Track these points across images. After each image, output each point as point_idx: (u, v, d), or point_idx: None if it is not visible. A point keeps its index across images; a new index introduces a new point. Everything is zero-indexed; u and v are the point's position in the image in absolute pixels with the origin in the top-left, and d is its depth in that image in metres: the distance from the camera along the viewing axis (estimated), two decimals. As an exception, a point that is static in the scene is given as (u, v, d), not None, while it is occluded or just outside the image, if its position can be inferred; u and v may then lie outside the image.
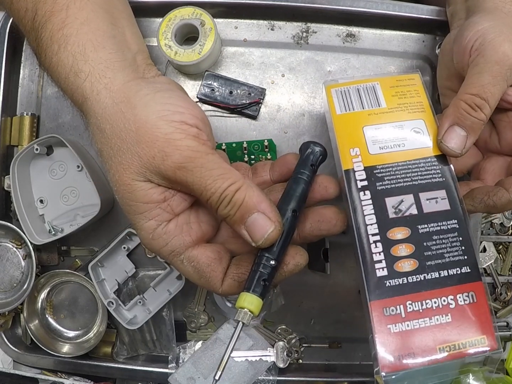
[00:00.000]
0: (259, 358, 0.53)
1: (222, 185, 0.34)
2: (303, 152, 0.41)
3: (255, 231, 0.35)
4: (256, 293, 0.34)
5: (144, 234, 0.36)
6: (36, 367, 0.56)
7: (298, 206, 0.38)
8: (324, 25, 0.55)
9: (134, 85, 0.37)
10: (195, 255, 0.37)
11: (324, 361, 0.57)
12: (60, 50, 0.37)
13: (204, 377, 0.53)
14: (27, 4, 0.39)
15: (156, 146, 0.34)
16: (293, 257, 0.38)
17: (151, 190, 0.35)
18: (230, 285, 0.37)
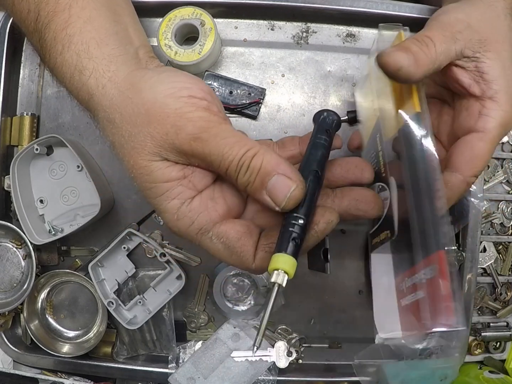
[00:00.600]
0: (259, 358, 0.53)
1: (239, 152, 0.33)
2: (317, 119, 0.41)
3: (277, 193, 0.33)
4: (289, 252, 0.33)
5: (168, 216, 0.35)
6: (36, 367, 0.56)
7: (319, 167, 0.37)
8: (324, 25, 0.55)
9: (138, 73, 0.37)
10: (224, 230, 0.36)
11: (324, 361, 0.57)
12: (64, 50, 0.37)
13: (204, 377, 0.53)
14: (29, 5, 0.39)
15: (168, 122, 0.34)
16: (322, 215, 0.36)
17: (169, 168, 0.35)
18: (263, 258, 0.35)
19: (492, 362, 0.58)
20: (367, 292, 0.56)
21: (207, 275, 0.56)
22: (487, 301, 0.58)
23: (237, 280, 0.56)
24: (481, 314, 0.59)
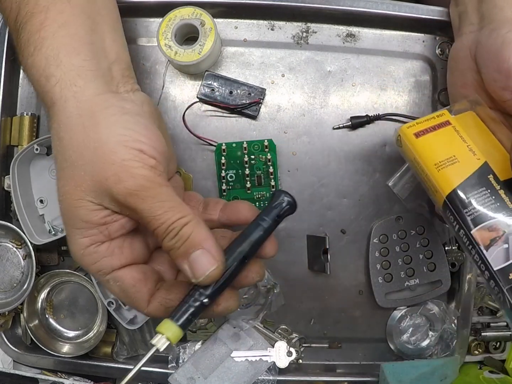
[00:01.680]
0: (259, 358, 0.53)
1: (171, 217, 0.34)
2: (273, 200, 0.40)
3: (197, 267, 0.34)
4: (180, 324, 0.35)
5: (75, 248, 0.36)
6: (36, 367, 0.56)
7: (250, 252, 0.37)
8: (324, 25, 0.55)
9: (103, 100, 0.36)
10: (120, 275, 0.37)
11: (324, 361, 0.57)
12: (35, 52, 0.37)
13: (204, 377, 0.53)
14: (12, 4, 0.39)
15: (112, 169, 0.34)
16: (226, 299, 0.38)
17: (94, 212, 0.35)
18: (157, 308, 0.37)
19: (492, 362, 0.58)
20: (367, 292, 0.56)
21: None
22: (487, 301, 0.58)
23: (237, 280, 0.56)
24: (481, 314, 0.59)
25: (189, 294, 0.36)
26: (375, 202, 0.55)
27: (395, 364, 0.54)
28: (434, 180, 0.41)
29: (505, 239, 0.37)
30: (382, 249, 0.55)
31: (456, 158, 0.41)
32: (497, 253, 0.37)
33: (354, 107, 0.55)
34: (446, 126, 0.43)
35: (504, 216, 0.38)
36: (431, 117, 0.43)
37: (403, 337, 0.56)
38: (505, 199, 0.39)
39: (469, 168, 0.40)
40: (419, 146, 0.42)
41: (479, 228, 0.38)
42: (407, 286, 0.55)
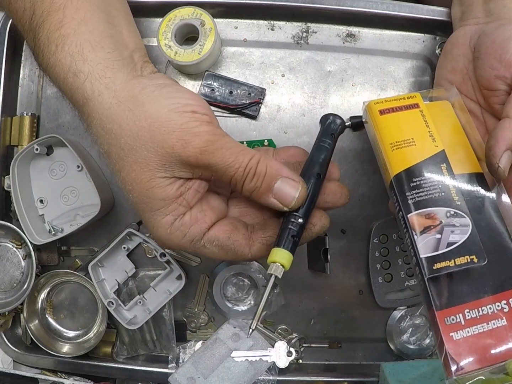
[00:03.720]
0: (259, 358, 0.53)
1: (244, 160, 0.36)
2: (323, 122, 0.43)
3: (284, 195, 0.37)
4: (287, 248, 0.36)
5: (161, 231, 0.37)
6: (36, 367, 0.56)
7: (322, 170, 0.40)
8: (324, 25, 0.55)
9: (137, 83, 0.37)
10: (213, 235, 0.38)
11: (324, 361, 0.57)
12: (58, 50, 0.37)
13: (204, 377, 0.53)
14: (25, 4, 0.39)
15: (174, 136, 0.35)
16: (319, 219, 0.40)
17: (168, 186, 0.36)
18: (259, 249, 0.39)
19: (492, 362, 0.58)
20: (367, 292, 0.56)
21: (207, 275, 0.56)
22: (487, 301, 0.58)
23: (237, 280, 0.56)
24: (481, 314, 0.59)
25: (284, 221, 0.38)
26: (375, 202, 0.56)
27: (395, 364, 0.54)
28: (386, 159, 0.40)
29: (440, 230, 0.37)
30: (382, 249, 0.55)
31: (414, 141, 0.40)
32: (428, 241, 0.37)
33: (354, 107, 0.55)
34: (414, 109, 0.42)
35: (445, 207, 0.37)
36: (402, 97, 0.43)
37: (403, 337, 0.56)
38: (452, 191, 0.38)
39: (424, 153, 0.40)
40: (381, 123, 0.42)
41: (417, 213, 0.38)
42: (407, 286, 0.55)
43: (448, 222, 0.37)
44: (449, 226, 0.37)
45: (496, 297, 0.36)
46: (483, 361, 0.35)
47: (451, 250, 0.36)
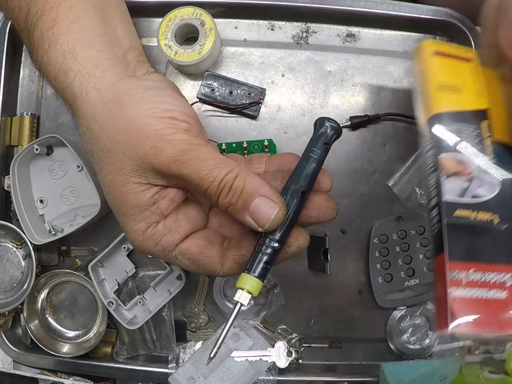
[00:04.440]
0: (259, 358, 0.53)
1: (219, 174, 0.34)
2: (317, 128, 0.38)
3: (260, 216, 0.34)
4: (257, 275, 0.34)
5: (133, 236, 0.37)
6: (36, 367, 0.56)
7: (308, 187, 0.36)
8: (324, 25, 0.55)
9: (124, 84, 0.37)
10: (185, 248, 0.37)
11: (324, 361, 0.57)
12: (50, 49, 0.37)
13: (204, 377, 0.53)
14: (21, 3, 0.39)
15: (148, 142, 0.34)
16: (296, 238, 0.37)
17: (142, 193, 0.35)
18: (231, 267, 0.37)
19: (492, 362, 0.58)
20: (367, 292, 0.56)
21: (207, 275, 0.56)
22: (487, 301, 0.58)
23: (237, 280, 0.56)
24: (481, 314, 0.59)
25: (259, 243, 0.35)
26: (375, 202, 0.56)
27: (395, 364, 0.54)
28: (430, 96, 0.39)
29: (469, 179, 0.36)
30: (382, 249, 0.55)
31: (462, 90, 0.39)
32: (455, 186, 0.36)
33: (354, 107, 0.55)
34: (467, 62, 0.41)
35: (479, 160, 0.37)
36: (459, 47, 0.42)
37: (403, 337, 0.56)
38: (488, 149, 0.37)
39: (469, 104, 0.39)
40: (433, 62, 0.40)
41: (450, 155, 0.36)
42: (407, 286, 0.55)
43: (478, 175, 0.36)
44: (479, 179, 0.36)
45: (506, 267, 0.34)
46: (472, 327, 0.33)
47: (475, 203, 0.35)
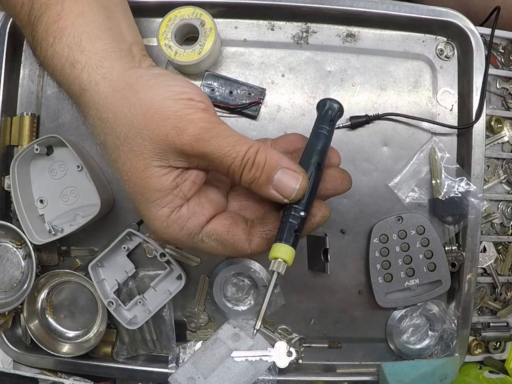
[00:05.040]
0: (259, 358, 0.53)
1: (242, 149, 0.34)
2: (321, 108, 0.41)
3: (284, 187, 0.35)
4: (289, 243, 0.35)
5: (157, 224, 0.36)
6: (36, 367, 0.56)
7: (321, 159, 0.38)
8: (324, 25, 0.55)
9: (134, 72, 0.37)
10: (211, 228, 0.37)
11: (324, 361, 0.57)
12: (55, 42, 0.37)
13: (204, 377, 0.53)
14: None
15: (168, 123, 0.34)
16: (319, 209, 0.38)
17: (163, 177, 0.35)
18: (259, 244, 0.37)
19: (492, 362, 0.58)
20: (367, 292, 0.56)
21: (207, 275, 0.56)
22: (487, 301, 0.58)
23: (237, 280, 0.56)
24: (481, 314, 0.59)
25: (285, 214, 0.36)
26: (375, 202, 0.56)
27: (395, 364, 0.54)
28: None
29: None
30: (382, 249, 0.55)
31: None
32: None
33: (354, 107, 0.55)
34: None
35: None
36: None
37: (403, 337, 0.56)
38: None
39: None
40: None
41: None
42: (407, 286, 0.55)
43: None
44: None
45: None
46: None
47: None
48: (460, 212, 0.54)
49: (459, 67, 0.56)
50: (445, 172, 0.55)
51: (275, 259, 0.35)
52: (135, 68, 0.38)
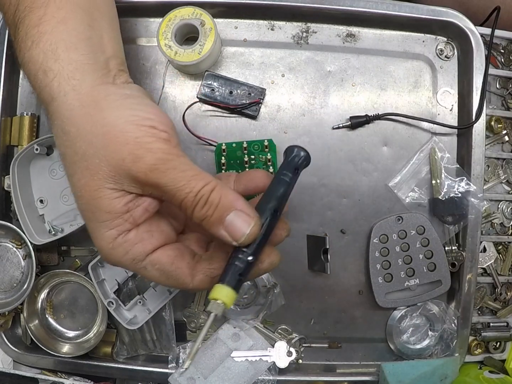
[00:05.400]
0: (259, 358, 0.53)
1: (196, 185, 0.34)
2: (288, 155, 0.40)
3: (235, 230, 0.34)
4: (231, 285, 0.34)
5: (103, 244, 0.36)
6: (36, 367, 0.56)
7: (279, 205, 0.37)
8: (324, 25, 0.55)
9: (103, 89, 0.36)
10: (156, 257, 0.36)
11: (324, 361, 0.57)
12: (33, 46, 0.37)
13: (204, 377, 0.53)
14: None
15: (126, 149, 0.33)
16: (268, 255, 0.38)
17: (115, 200, 0.35)
18: (202, 281, 0.37)
19: (492, 362, 0.58)
20: (367, 292, 0.56)
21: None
22: (487, 301, 0.58)
23: (237, 280, 0.56)
24: (481, 314, 0.59)
25: (232, 256, 0.35)
26: (375, 202, 0.56)
27: (395, 364, 0.54)
28: None
29: None
30: (382, 249, 0.55)
31: None
32: None
33: (354, 107, 0.55)
34: None
35: None
36: None
37: (403, 337, 0.56)
38: None
39: None
40: None
41: None
42: (407, 286, 0.55)
43: None
44: None
45: None
46: None
47: None
48: (460, 212, 0.54)
49: (459, 67, 0.56)
50: (445, 172, 0.55)
51: (214, 300, 0.34)
52: (106, 84, 0.37)
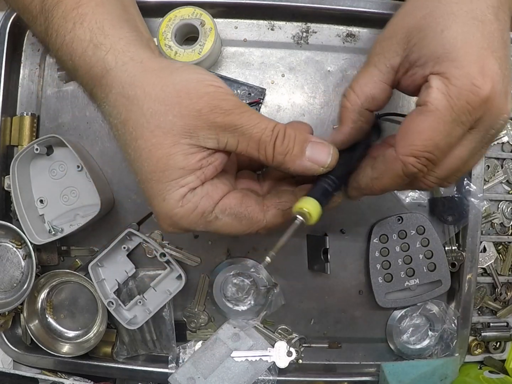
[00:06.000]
0: (259, 358, 0.53)
1: (270, 123, 0.36)
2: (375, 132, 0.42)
3: (319, 156, 0.36)
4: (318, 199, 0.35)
5: (171, 203, 0.36)
6: (36, 367, 0.56)
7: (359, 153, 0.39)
8: (324, 25, 0.55)
9: (161, 60, 0.38)
10: (224, 203, 0.37)
11: (324, 361, 0.57)
12: (76, 27, 0.37)
13: (204, 377, 0.53)
14: None
15: (202, 101, 0.35)
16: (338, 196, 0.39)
17: (191, 155, 0.35)
18: (275, 215, 0.38)
19: (492, 362, 0.58)
20: (367, 292, 0.56)
21: (207, 275, 0.56)
22: (487, 301, 0.58)
23: (237, 280, 0.56)
24: (481, 314, 0.59)
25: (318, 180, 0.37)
26: (375, 202, 0.55)
27: (395, 364, 0.54)
28: None
29: None
30: (382, 249, 0.55)
31: None
32: None
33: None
34: None
35: None
36: None
37: (403, 337, 0.56)
38: None
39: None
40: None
41: None
42: (407, 286, 0.55)
43: None
44: None
45: None
46: None
47: None
48: (460, 212, 0.54)
49: (459, 67, 0.56)
50: (445, 172, 0.55)
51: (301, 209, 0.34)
52: (160, 57, 0.39)
